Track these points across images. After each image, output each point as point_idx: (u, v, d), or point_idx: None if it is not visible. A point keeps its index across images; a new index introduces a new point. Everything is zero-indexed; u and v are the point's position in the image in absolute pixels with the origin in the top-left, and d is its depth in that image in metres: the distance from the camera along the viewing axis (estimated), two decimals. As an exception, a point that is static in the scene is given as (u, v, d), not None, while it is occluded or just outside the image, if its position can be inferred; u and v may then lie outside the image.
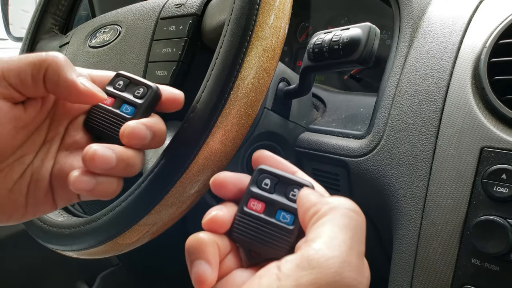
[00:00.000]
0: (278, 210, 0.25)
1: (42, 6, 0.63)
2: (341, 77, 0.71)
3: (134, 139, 0.28)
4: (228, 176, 0.27)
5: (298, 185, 0.26)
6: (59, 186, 0.30)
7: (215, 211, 0.26)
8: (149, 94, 0.31)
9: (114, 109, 0.31)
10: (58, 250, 0.40)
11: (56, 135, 0.31)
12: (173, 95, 0.32)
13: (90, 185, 0.27)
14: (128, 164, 0.28)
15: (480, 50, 0.42)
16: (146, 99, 0.31)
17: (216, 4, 0.42)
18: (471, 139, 0.39)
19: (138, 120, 0.29)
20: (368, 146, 0.47)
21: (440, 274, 0.39)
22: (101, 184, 0.28)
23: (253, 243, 0.25)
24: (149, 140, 0.29)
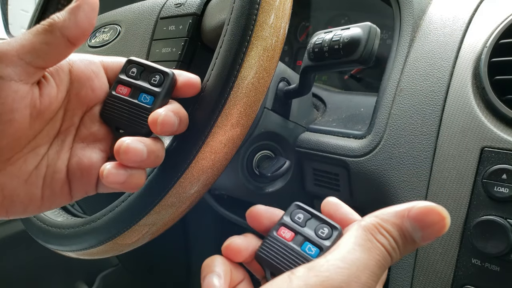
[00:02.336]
0: (305, 242, 0.27)
1: (42, 6, 0.63)
2: (341, 77, 0.70)
3: (166, 127, 0.28)
4: (263, 210, 0.29)
5: (329, 225, 0.27)
6: (77, 179, 0.30)
7: (233, 239, 0.28)
8: (166, 81, 0.30)
9: (133, 99, 0.31)
10: (58, 250, 0.40)
11: (71, 126, 0.30)
12: (189, 79, 0.31)
13: (123, 178, 0.28)
14: (157, 155, 0.29)
15: (481, 50, 0.42)
16: (164, 86, 0.30)
17: (216, 4, 0.42)
18: (471, 139, 0.39)
19: (164, 108, 0.29)
20: (368, 146, 0.47)
21: (440, 274, 0.39)
22: (132, 176, 0.28)
23: (276, 266, 0.26)
24: (177, 126, 0.29)
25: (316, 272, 0.21)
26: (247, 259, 0.28)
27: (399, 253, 0.23)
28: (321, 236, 0.27)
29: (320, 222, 0.28)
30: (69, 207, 0.49)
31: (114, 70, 0.32)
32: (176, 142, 0.33)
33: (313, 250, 0.26)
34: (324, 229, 0.27)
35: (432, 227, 0.22)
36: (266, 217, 0.29)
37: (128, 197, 0.35)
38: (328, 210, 0.29)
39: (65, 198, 0.31)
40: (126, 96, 0.31)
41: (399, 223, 0.23)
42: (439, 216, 0.22)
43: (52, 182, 0.30)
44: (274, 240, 0.27)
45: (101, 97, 0.31)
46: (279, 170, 0.49)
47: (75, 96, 0.30)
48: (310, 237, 0.27)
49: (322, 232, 0.27)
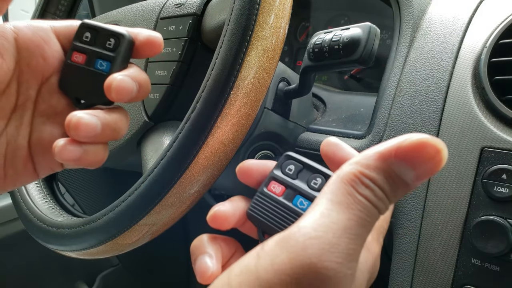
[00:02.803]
0: (296, 196, 0.25)
1: (42, 6, 0.63)
2: (341, 77, 0.71)
3: (122, 93, 0.26)
4: (254, 163, 0.27)
5: (322, 174, 0.25)
6: (40, 155, 0.29)
7: (218, 207, 0.26)
8: (122, 44, 0.28)
9: (89, 66, 0.28)
10: (58, 250, 0.40)
11: (27, 100, 0.28)
12: (149, 38, 0.28)
13: (77, 154, 0.26)
14: (114, 129, 0.28)
15: (481, 50, 0.42)
16: (120, 50, 0.28)
17: (216, 4, 0.42)
18: (471, 139, 0.39)
19: (121, 73, 0.27)
20: (368, 146, 0.47)
21: (440, 274, 0.39)
22: (87, 152, 0.27)
23: (267, 224, 0.25)
24: (136, 92, 0.27)
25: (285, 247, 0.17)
26: (237, 223, 0.26)
27: (388, 202, 0.19)
28: (313, 188, 0.25)
29: (312, 173, 0.25)
30: (69, 207, 0.49)
31: (67, 36, 0.29)
32: (176, 142, 0.33)
33: (305, 204, 0.24)
34: (317, 179, 0.25)
35: (427, 163, 0.18)
36: (257, 171, 0.26)
37: (128, 197, 0.35)
38: (327, 152, 0.26)
39: (30, 175, 0.29)
40: (82, 63, 0.29)
41: (384, 167, 0.19)
42: (433, 149, 0.18)
43: (14, 159, 0.28)
44: (264, 197, 0.25)
45: (55, 66, 0.29)
46: None
47: (26, 66, 0.28)
48: (302, 189, 0.24)
49: (315, 183, 0.25)
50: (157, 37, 0.29)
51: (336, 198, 0.19)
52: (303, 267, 0.16)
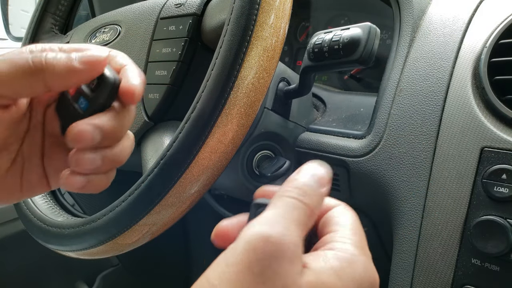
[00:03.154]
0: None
1: (42, 6, 0.63)
2: (341, 77, 0.71)
3: (79, 142, 0.26)
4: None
5: None
6: (52, 171, 0.31)
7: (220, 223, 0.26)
8: (102, 87, 0.27)
9: (73, 101, 0.28)
10: (58, 250, 0.40)
11: (38, 123, 0.31)
12: (128, 88, 0.27)
13: (81, 184, 0.28)
14: (114, 160, 0.28)
15: (480, 50, 0.42)
16: (98, 93, 0.27)
17: (216, 4, 0.42)
18: (471, 139, 0.39)
19: (85, 121, 0.27)
20: (368, 146, 0.47)
21: (440, 274, 0.39)
22: (91, 181, 0.28)
23: None
24: (99, 141, 0.27)
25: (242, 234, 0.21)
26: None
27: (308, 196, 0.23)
28: None
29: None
30: (69, 207, 0.49)
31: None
32: (176, 142, 0.33)
33: None
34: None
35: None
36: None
37: (128, 197, 0.35)
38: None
39: (44, 188, 0.31)
40: (71, 96, 0.29)
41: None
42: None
43: (30, 176, 0.30)
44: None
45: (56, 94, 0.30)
46: (279, 170, 0.49)
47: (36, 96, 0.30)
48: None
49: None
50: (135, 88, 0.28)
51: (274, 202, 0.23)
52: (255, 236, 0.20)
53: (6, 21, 1.12)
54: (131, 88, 0.27)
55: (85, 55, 0.26)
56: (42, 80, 0.25)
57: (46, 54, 0.25)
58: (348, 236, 0.23)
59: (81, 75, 0.26)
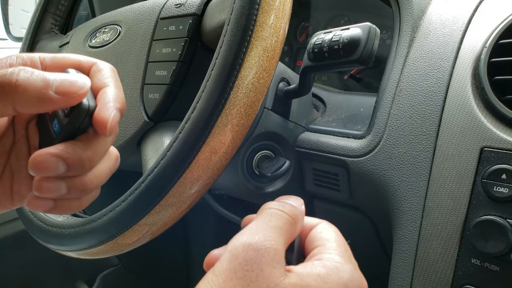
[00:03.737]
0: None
1: (42, 6, 0.63)
2: (341, 77, 0.71)
3: (39, 172, 0.25)
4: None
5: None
6: None
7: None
8: (76, 113, 0.25)
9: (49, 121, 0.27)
10: (58, 250, 0.40)
11: (21, 137, 0.30)
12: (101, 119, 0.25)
13: (47, 207, 0.26)
14: (85, 188, 0.26)
15: (480, 50, 0.42)
16: (72, 118, 0.25)
17: (216, 4, 0.42)
18: (471, 139, 0.39)
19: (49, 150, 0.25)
20: (368, 146, 0.47)
21: (440, 274, 0.39)
22: (59, 206, 0.27)
23: None
24: (63, 171, 0.25)
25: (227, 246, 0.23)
26: None
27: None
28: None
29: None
30: (69, 207, 0.49)
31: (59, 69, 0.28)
32: (176, 142, 0.33)
33: None
34: None
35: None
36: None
37: (128, 197, 0.35)
38: None
39: None
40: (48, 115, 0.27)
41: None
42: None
43: (20, 187, 0.30)
44: None
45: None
46: (279, 170, 0.49)
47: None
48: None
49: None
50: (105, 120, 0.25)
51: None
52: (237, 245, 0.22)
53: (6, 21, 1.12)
54: (104, 119, 0.25)
55: (64, 83, 0.24)
56: (11, 102, 0.23)
57: (19, 73, 0.23)
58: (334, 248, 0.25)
59: (54, 105, 0.24)
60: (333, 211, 0.57)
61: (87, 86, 0.25)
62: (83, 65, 0.28)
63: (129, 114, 0.44)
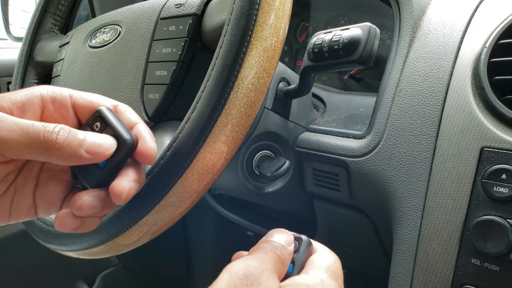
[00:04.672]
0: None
1: (42, 6, 0.63)
2: (341, 77, 0.71)
3: (129, 198, 0.29)
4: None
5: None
6: (42, 204, 0.31)
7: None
8: (120, 148, 0.29)
9: None
10: (58, 250, 0.40)
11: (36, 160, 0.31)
12: (145, 150, 0.30)
13: (74, 226, 0.29)
14: (112, 207, 0.30)
15: (480, 50, 0.42)
16: (118, 154, 0.29)
17: (216, 4, 0.42)
18: (471, 139, 0.39)
19: (126, 177, 0.29)
20: (368, 146, 0.47)
21: (440, 274, 0.39)
22: (84, 224, 0.29)
23: None
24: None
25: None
26: None
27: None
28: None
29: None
30: (69, 207, 0.49)
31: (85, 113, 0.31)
32: (176, 142, 0.33)
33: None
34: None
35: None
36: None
37: (128, 197, 0.35)
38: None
39: (31, 216, 0.32)
40: None
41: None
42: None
43: (19, 205, 0.30)
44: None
45: None
46: (279, 170, 0.49)
47: None
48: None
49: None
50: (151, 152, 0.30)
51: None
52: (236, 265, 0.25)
53: (6, 21, 1.12)
54: (151, 151, 0.30)
55: (94, 145, 0.27)
56: (46, 156, 0.26)
57: (58, 132, 0.26)
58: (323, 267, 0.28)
59: (83, 161, 0.27)
60: (333, 211, 0.57)
61: (113, 148, 0.28)
62: (108, 105, 0.32)
63: None
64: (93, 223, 0.30)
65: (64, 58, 0.55)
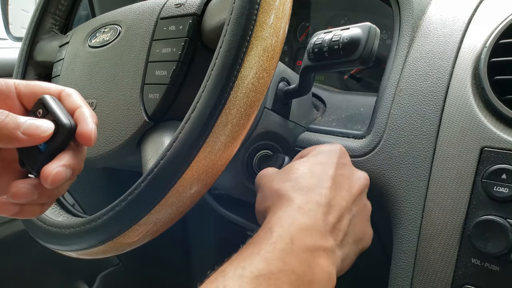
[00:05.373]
0: None
1: (42, 6, 0.63)
2: (341, 77, 0.71)
3: (57, 182, 0.29)
4: None
5: None
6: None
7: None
8: (60, 133, 0.30)
9: None
10: (58, 250, 0.40)
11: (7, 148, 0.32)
12: (83, 132, 0.31)
13: (13, 212, 0.30)
14: (52, 195, 0.31)
15: (480, 50, 0.42)
16: (56, 137, 0.30)
17: (216, 4, 0.42)
18: (471, 139, 0.39)
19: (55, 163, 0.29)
20: (368, 146, 0.47)
21: (440, 274, 0.39)
22: (24, 210, 0.31)
23: None
24: (69, 178, 0.30)
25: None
26: None
27: None
28: None
29: None
30: (69, 207, 0.49)
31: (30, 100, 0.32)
32: (176, 142, 0.33)
33: None
34: None
35: None
36: None
37: (128, 197, 0.35)
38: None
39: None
40: None
41: None
42: None
43: None
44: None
45: None
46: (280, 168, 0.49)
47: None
48: None
49: None
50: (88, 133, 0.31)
51: None
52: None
53: (6, 21, 1.12)
54: (88, 133, 0.30)
55: (31, 127, 0.28)
56: None
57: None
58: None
59: (22, 143, 0.28)
60: (333, 211, 0.57)
61: (49, 131, 0.29)
62: (53, 91, 0.33)
63: (129, 114, 0.44)
64: (33, 211, 0.31)
65: (64, 58, 0.55)
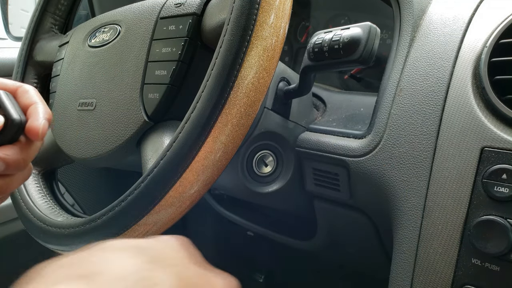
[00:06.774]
0: None
1: (42, 6, 0.63)
2: (341, 76, 0.71)
3: None
4: None
5: None
6: None
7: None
8: (9, 126, 0.32)
9: None
10: (58, 250, 0.40)
11: None
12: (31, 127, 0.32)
13: None
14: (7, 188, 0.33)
15: (481, 50, 0.42)
16: (6, 130, 0.32)
17: (216, 4, 0.42)
18: (471, 139, 0.39)
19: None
20: (368, 146, 0.47)
21: (440, 274, 0.39)
22: None
23: None
24: (3, 170, 0.31)
25: None
26: None
27: None
28: None
29: None
30: (69, 207, 0.49)
31: None
32: (176, 141, 0.33)
33: None
34: None
35: None
36: None
37: (128, 197, 0.35)
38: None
39: None
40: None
41: None
42: None
43: None
44: None
45: None
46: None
47: None
48: None
49: None
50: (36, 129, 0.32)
51: None
52: None
53: (6, 20, 1.12)
54: (36, 128, 0.32)
55: None
56: None
57: None
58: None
59: None
60: (334, 211, 0.57)
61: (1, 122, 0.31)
62: (10, 87, 0.34)
63: (129, 114, 0.44)
64: None
65: (64, 57, 0.55)
